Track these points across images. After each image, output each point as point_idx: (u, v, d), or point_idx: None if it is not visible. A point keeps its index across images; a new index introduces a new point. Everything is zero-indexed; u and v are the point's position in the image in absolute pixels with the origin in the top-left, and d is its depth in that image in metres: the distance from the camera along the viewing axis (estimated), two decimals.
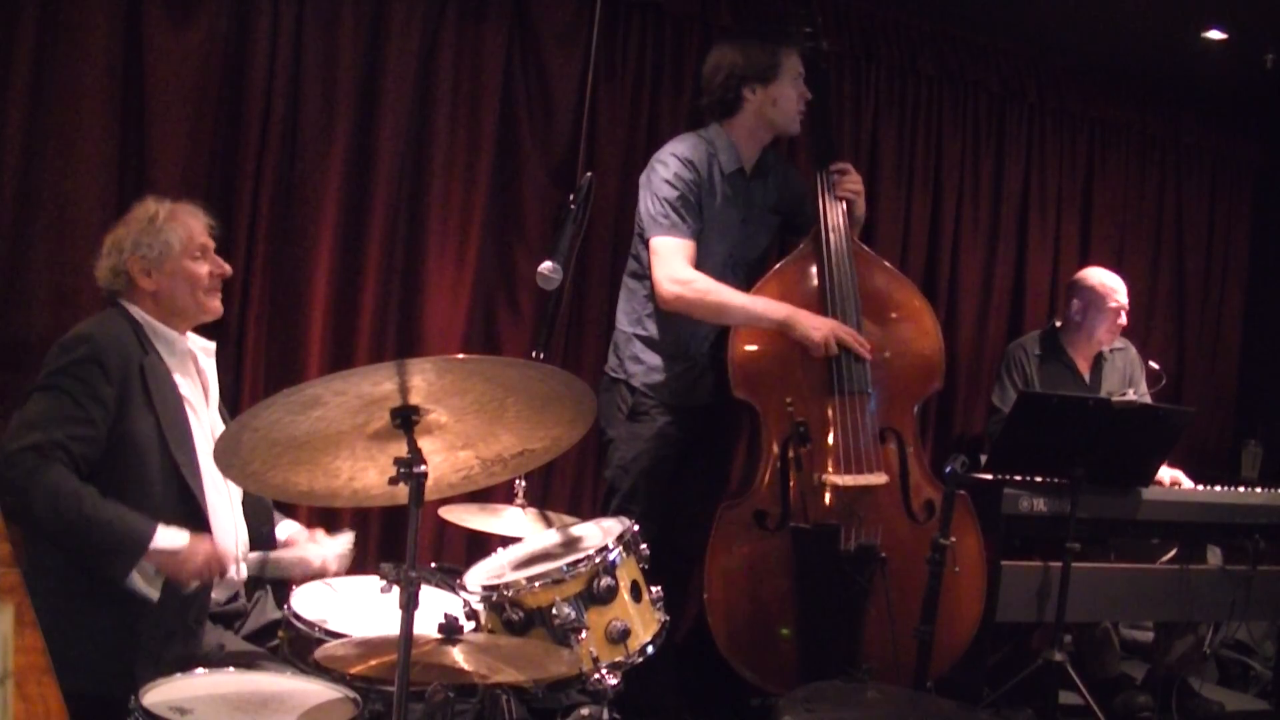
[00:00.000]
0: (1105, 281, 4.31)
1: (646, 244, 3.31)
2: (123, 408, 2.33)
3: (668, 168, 3.28)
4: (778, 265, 3.46)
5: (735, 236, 3.42)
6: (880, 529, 3.28)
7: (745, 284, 3.40)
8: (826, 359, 3.29)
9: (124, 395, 2.34)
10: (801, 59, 3.41)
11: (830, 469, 3.26)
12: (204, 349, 2.61)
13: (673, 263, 3.23)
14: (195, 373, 2.56)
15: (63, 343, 2.37)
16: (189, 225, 2.53)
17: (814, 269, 3.44)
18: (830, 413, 3.31)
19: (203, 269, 2.52)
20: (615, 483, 3.32)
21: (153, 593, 2.28)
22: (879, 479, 3.28)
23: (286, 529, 2.68)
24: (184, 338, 2.55)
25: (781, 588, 3.25)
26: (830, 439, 3.30)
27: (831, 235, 3.43)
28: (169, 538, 2.27)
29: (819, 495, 3.26)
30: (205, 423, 2.52)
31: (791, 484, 3.30)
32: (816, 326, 3.26)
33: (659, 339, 3.34)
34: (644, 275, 3.35)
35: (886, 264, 3.66)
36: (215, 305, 2.57)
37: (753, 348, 3.34)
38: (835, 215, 3.46)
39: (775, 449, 3.32)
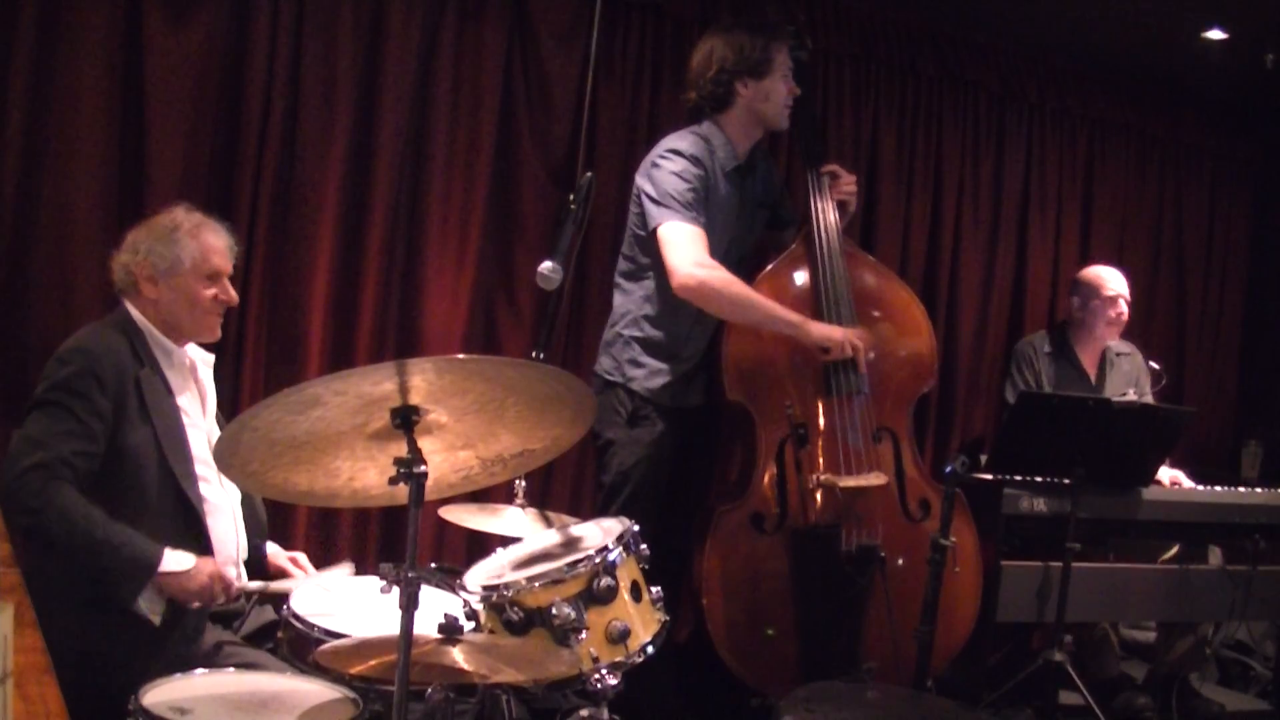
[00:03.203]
0: (1100, 273, 4.35)
1: (644, 240, 3.26)
2: (119, 420, 2.34)
3: (674, 162, 3.23)
4: (768, 267, 3.43)
5: (733, 234, 3.39)
6: (879, 529, 3.28)
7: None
8: (822, 362, 3.28)
9: (120, 408, 2.34)
10: (790, 55, 3.40)
11: (829, 471, 3.26)
12: (203, 360, 2.61)
13: (692, 248, 3.16)
14: (193, 383, 2.56)
15: (59, 355, 2.37)
16: (207, 245, 2.51)
17: (805, 270, 3.43)
18: (827, 414, 3.31)
19: (207, 292, 2.49)
20: (615, 488, 3.27)
21: (155, 617, 2.29)
22: (879, 480, 3.28)
23: (269, 547, 2.68)
24: (183, 349, 2.54)
25: (780, 589, 3.24)
26: (828, 440, 3.29)
27: (823, 236, 3.41)
28: (176, 560, 2.29)
29: (817, 497, 3.25)
30: (202, 433, 2.52)
31: (789, 486, 3.28)
32: (833, 329, 3.26)
33: (657, 341, 3.30)
34: (641, 275, 3.32)
35: (876, 262, 3.65)
36: (213, 329, 2.55)
37: (748, 350, 3.32)
38: (827, 216, 3.45)
39: (772, 451, 3.31)
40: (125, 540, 2.25)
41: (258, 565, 2.61)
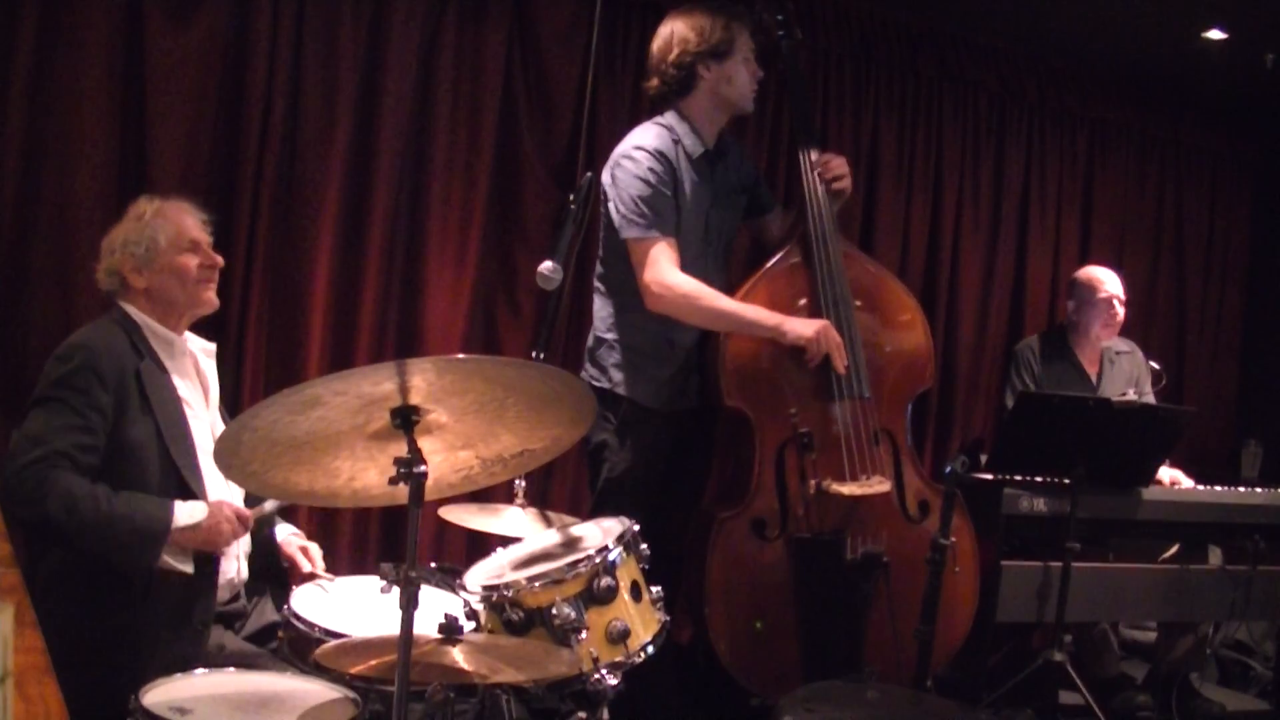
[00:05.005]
0: (1094, 274, 4.37)
1: (616, 243, 3.20)
2: (120, 414, 2.34)
3: (637, 164, 3.15)
4: (765, 267, 3.37)
5: (708, 222, 3.31)
6: (883, 534, 3.26)
7: (722, 270, 3.35)
8: (824, 365, 3.23)
9: (120, 401, 2.34)
10: (752, 37, 3.31)
11: (833, 477, 3.21)
12: (204, 350, 2.61)
13: (658, 265, 3.12)
14: (195, 374, 2.56)
15: (58, 354, 2.38)
16: (177, 220, 2.53)
17: (804, 269, 3.37)
18: (830, 419, 3.27)
19: (191, 262, 2.52)
20: (606, 494, 3.23)
21: (186, 566, 2.29)
22: (883, 487, 3.22)
23: (283, 530, 2.68)
24: (183, 339, 2.55)
25: (781, 595, 3.21)
26: (830, 445, 3.25)
27: (820, 234, 3.34)
28: (188, 513, 2.30)
29: (819, 503, 3.21)
30: (205, 423, 2.52)
31: (791, 492, 3.24)
32: (807, 326, 3.19)
33: (639, 343, 3.24)
34: (615, 279, 3.26)
35: (872, 261, 3.61)
36: (209, 297, 2.56)
37: (747, 354, 3.26)
38: (823, 212, 3.36)
39: (771, 457, 3.26)
40: (134, 507, 2.26)
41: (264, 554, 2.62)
